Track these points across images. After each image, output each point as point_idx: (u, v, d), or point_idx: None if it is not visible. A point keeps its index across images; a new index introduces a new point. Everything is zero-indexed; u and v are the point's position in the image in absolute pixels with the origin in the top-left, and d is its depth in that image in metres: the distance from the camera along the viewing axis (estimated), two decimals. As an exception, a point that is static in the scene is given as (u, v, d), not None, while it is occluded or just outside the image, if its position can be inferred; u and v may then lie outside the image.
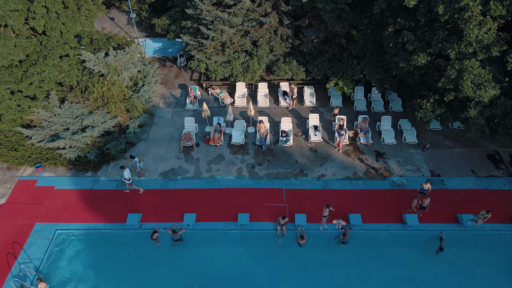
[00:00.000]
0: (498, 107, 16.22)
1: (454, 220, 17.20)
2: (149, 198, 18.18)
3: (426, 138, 21.09)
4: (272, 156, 20.33)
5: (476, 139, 20.96)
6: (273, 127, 21.82)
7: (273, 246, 16.71)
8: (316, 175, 19.29)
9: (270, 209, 17.65)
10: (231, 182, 18.95)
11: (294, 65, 22.49)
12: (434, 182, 18.76)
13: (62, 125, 19.69)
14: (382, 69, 19.82)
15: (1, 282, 15.07)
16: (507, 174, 19.25)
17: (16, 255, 15.95)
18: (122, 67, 21.46)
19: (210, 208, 17.72)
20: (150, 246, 16.50)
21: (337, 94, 23.56)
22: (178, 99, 24.09)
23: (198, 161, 20.07)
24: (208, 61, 22.37)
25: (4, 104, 18.63)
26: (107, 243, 16.78)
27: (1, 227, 16.98)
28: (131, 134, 20.56)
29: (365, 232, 16.92)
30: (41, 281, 14.69)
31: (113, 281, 15.51)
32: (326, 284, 15.62)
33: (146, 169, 19.64)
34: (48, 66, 18.89)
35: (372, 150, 20.62)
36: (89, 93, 20.59)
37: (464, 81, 14.94)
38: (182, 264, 16.18)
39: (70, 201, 18.14)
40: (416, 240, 16.79)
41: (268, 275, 15.82)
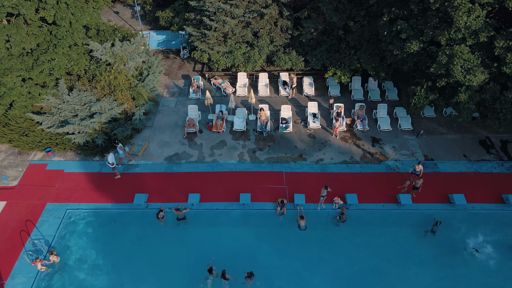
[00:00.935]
0: (488, 92, 17.06)
1: (446, 201, 18.02)
2: (155, 181, 19.00)
3: (420, 124, 21.92)
4: (272, 141, 21.16)
5: (468, 126, 21.79)
6: (273, 115, 22.65)
7: (273, 225, 17.52)
8: (315, 159, 20.12)
9: (270, 191, 18.48)
10: (233, 166, 19.78)
11: (293, 55, 23.32)
12: (428, 166, 19.59)
13: (71, 111, 20.52)
14: (377, 58, 20.66)
15: (15, 256, 15.92)
16: (498, 158, 20.07)
17: (29, 232, 16.79)
18: (128, 57, 22.31)
19: (213, 189, 18.54)
20: (156, 225, 17.31)
21: (335, 84, 24.40)
22: (181, 89, 24.93)
23: (201, 147, 20.90)
24: (211, 51, 23.20)
25: (16, 91, 19.48)
26: (115, 222, 17.57)
27: (14, 206, 17.80)
28: (136, 121, 21.39)
29: (361, 212, 17.74)
30: (52, 254, 15.52)
31: (120, 258, 16.28)
32: (324, 260, 16.38)
33: (152, 154, 20.48)
34: (58, 55, 19.73)
35: (368, 136, 21.45)
36: (97, 81, 21.45)
37: (455, 66, 15.77)
38: (186, 242, 16.96)
39: (79, 183, 18.97)
40: (409, 219, 17.61)
41: (268, 252, 16.59)
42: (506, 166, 19.59)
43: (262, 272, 15.43)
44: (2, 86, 19.15)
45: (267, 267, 15.92)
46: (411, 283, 15.53)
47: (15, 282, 15.12)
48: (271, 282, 15.54)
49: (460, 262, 16.14)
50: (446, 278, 15.61)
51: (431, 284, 15.49)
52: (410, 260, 16.28)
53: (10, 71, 18.94)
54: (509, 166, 19.56)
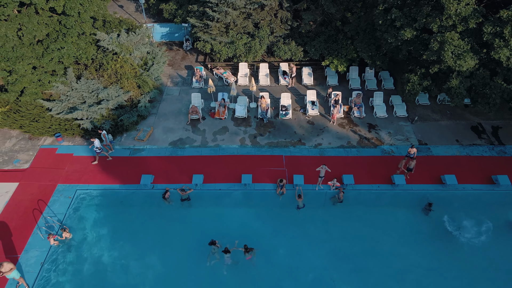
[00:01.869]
0: (477, 77, 17.91)
1: (438, 182, 18.88)
2: (160, 164, 19.86)
3: (415, 112, 22.78)
4: (272, 128, 22.02)
5: (461, 113, 22.65)
6: (273, 103, 23.51)
7: (273, 204, 18.37)
8: (313, 144, 20.99)
9: (270, 173, 19.33)
10: (235, 150, 20.65)
11: (293, 45, 24.18)
12: (421, 150, 20.45)
13: (79, 98, 21.38)
14: (373, 47, 21.51)
15: (29, 232, 16.78)
16: (489, 142, 20.93)
17: (41, 211, 17.65)
18: (133, 47, 23.15)
19: (216, 172, 19.40)
20: (161, 204, 18.16)
21: (333, 73, 25.27)
22: (184, 79, 25.80)
23: (204, 132, 21.77)
24: (213, 41, 24.07)
25: (27, 78, 20.35)
26: (122, 202, 18.43)
27: (26, 187, 18.67)
28: (142, 108, 22.25)
29: (357, 192, 18.60)
30: (64, 231, 16.39)
31: (127, 235, 17.10)
32: (321, 237, 17.20)
33: (157, 139, 21.35)
34: (67, 44, 20.59)
35: (365, 122, 22.32)
36: (103, 70, 22.31)
37: (445, 52, 16.63)
38: (189, 220, 17.79)
39: (88, 166, 19.83)
40: (403, 198, 18.46)
41: (268, 230, 17.42)
42: (496, 150, 20.45)
43: (263, 249, 16.25)
44: (14, 73, 20.02)
45: (267, 244, 16.73)
46: (404, 258, 16.33)
47: (29, 256, 15.97)
48: (271, 257, 16.33)
49: (450, 239, 16.96)
50: (436, 253, 16.42)
51: (423, 259, 16.29)
52: (404, 237, 17.10)
53: (22, 58, 19.79)
54: (499, 150, 20.42)
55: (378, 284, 15.52)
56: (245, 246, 15.65)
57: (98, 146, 19.05)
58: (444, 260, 16.20)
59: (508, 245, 16.57)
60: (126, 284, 15.48)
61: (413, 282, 15.57)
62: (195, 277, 15.69)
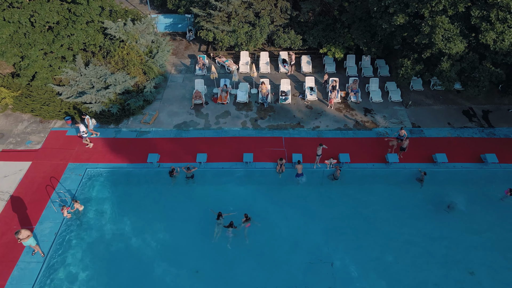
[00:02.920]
0: (467, 61, 18.90)
1: (430, 160, 19.87)
2: (165, 145, 20.86)
3: (409, 97, 23.77)
4: (272, 112, 23.03)
5: (454, 98, 23.65)
6: (273, 89, 24.50)
7: (273, 182, 19.36)
8: (311, 127, 21.99)
9: (271, 153, 20.33)
10: (236, 132, 21.65)
11: (292, 34, 25.17)
12: (414, 132, 21.46)
13: (87, 84, 22.34)
14: (369, 34, 22.51)
15: (43, 205, 17.79)
16: (479, 125, 21.93)
17: (54, 187, 18.66)
18: (139, 35, 24.14)
19: (218, 152, 20.40)
20: (167, 181, 19.15)
21: (331, 61, 26.27)
22: (188, 67, 26.80)
23: (207, 116, 22.77)
24: (216, 30, 25.06)
25: (39, 63, 21.37)
26: (130, 179, 19.42)
27: (39, 166, 19.67)
28: (148, 93, 23.24)
29: (353, 170, 19.60)
30: (76, 202, 17.40)
31: (134, 209, 18.08)
32: (319, 212, 18.17)
33: (162, 122, 22.35)
34: (76, 30, 21.60)
35: (361, 107, 23.31)
36: (111, 57, 23.31)
37: (436, 35, 17.63)
38: (194, 197, 18.76)
39: (97, 146, 20.83)
40: (396, 176, 19.46)
41: (269, 206, 18.40)
42: (486, 132, 21.45)
43: (263, 223, 17.25)
44: (26, 59, 21.02)
45: (267, 218, 17.72)
46: (397, 230, 17.33)
47: (44, 227, 16.99)
48: (271, 231, 17.30)
49: (440, 212, 17.96)
50: (427, 225, 17.43)
51: (415, 231, 17.28)
52: (397, 211, 18.10)
53: (34, 44, 20.79)
54: (489, 132, 21.42)
55: (372, 254, 16.49)
56: (245, 215, 16.66)
57: (84, 130, 19.89)
58: (435, 231, 17.18)
59: (492, 215, 17.58)
60: (133, 252, 16.48)
61: (406, 251, 16.54)
62: (198, 248, 16.64)
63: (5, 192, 18.39)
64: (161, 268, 16.02)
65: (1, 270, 15.48)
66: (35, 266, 15.63)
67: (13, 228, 16.83)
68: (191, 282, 15.76)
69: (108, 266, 16.06)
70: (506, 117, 22.38)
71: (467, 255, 16.45)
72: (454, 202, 18.08)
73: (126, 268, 16.04)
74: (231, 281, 15.76)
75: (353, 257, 16.46)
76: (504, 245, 16.68)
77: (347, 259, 16.40)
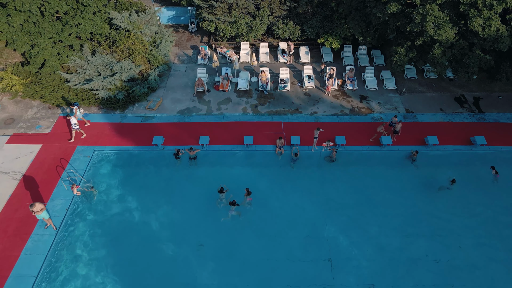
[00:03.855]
0: (457, 47, 19.85)
1: (422, 143, 20.83)
2: (169, 129, 21.79)
3: (403, 85, 24.73)
4: (272, 98, 23.98)
5: (446, 86, 24.61)
6: (272, 77, 25.45)
7: (273, 163, 20.30)
8: (309, 112, 22.95)
9: (270, 136, 21.27)
10: (237, 117, 22.59)
11: (291, 25, 26.12)
12: (408, 117, 22.41)
13: (94, 71, 23.30)
14: (364, 24, 23.46)
15: (54, 184, 18.72)
16: (470, 111, 22.89)
17: (63, 167, 19.59)
18: (143, 26, 25.09)
19: (220, 135, 21.34)
20: (171, 162, 20.07)
21: (328, 52, 27.23)
22: (190, 57, 27.75)
23: (209, 103, 23.72)
24: (217, 21, 26.01)
25: (48, 51, 22.31)
26: (136, 160, 20.36)
27: (49, 148, 20.60)
28: (152, 80, 24.19)
29: (349, 152, 20.54)
30: (86, 183, 18.30)
31: (140, 188, 18.97)
32: (316, 192, 19.07)
33: (166, 108, 23.29)
34: (84, 20, 22.54)
35: (357, 94, 24.27)
36: (116, 46, 24.25)
37: (427, 23, 18.59)
38: (196, 177, 19.66)
39: (104, 131, 21.77)
40: (390, 157, 20.41)
41: (268, 185, 19.32)
42: (476, 117, 22.41)
43: (263, 201, 18.16)
44: (36, 47, 21.96)
45: (267, 197, 18.66)
46: (391, 206, 18.26)
47: (55, 203, 17.92)
48: (270, 208, 18.22)
49: (432, 190, 18.93)
50: (418, 202, 18.39)
51: (407, 208, 18.22)
52: (390, 190, 19.04)
53: (44, 33, 21.73)
54: (479, 117, 22.38)
55: (366, 228, 17.43)
56: (246, 189, 17.61)
57: (75, 122, 20.34)
58: (426, 208, 18.14)
59: (480, 193, 18.55)
60: (139, 227, 17.41)
61: (399, 227, 17.48)
62: (202, 224, 17.57)
63: (17, 172, 19.31)
64: (166, 242, 16.94)
65: (16, 242, 16.41)
66: (47, 239, 16.57)
67: (26, 204, 17.75)
68: (196, 254, 16.68)
69: (116, 239, 16.98)
70: (496, 103, 23.35)
71: (456, 230, 17.38)
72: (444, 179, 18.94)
73: (133, 241, 16.97)
74: (233, 253, 16.69)
75: (348, 232, 17.39)
76: (491, 220, 17.63)
77: (343, 234, 17.33)
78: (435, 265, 16.26)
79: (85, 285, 15.41)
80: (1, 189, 18.48)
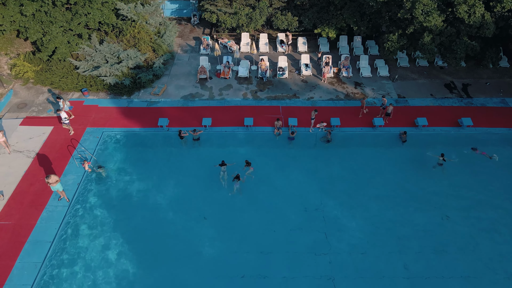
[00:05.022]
0: (445, 34, 21.10)
1: (412, 125, 22.05)
2: (174, 112, 23.01)
3: (396, 72, 25.98)
4: (271, 85, 25.23)
5: (436, 73, 25.86)
6: (271, 66, 26.70)
7: (271, 144, 21.52)
8: (306, 97, 24.19)
9: (269, 119, 22.49)
10: (238, 102, 23.84)
11: (289, 16, 27.39)
12: (399, 102, 23.65)
13: (102, 59, 24.55)
14: (358, 14, 24.73)
15: (66, 161, 19.94)
16: (458, 96, 24.13)
17: (74, 146, 20.80)
18: (148, 16, 26.35)
19: (222, 118, 22.56)
20: (175, 143, 21.29)
21: (325, 42, 28.49)
22: (193, 47, 29.01)
23: (211, 89, 24.96)
24: (219, 12, 27.27)
25: (58, 39, 23.55)
26: (142, 141, 21.58)
27: (60, 130, 21.80)
28: (157, 68, 25.44)
29: (343, 133, 21.77)
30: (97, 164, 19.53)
31: (147, 165, 20.16)
32: (313, 170, 20.23)
33: (170, 94, 24.53)
34: (93, 9, 23.79)
35: (352, 81, 25.52)
36: (123, 35, 25.51)
37: (416, 10, 19.85)
38: (200, 156, 20.88)
39: (111, 114, 23.00)
40: (382, 138, 21.62)
41: (267, 164, 20.50)
42: (465, 101, 23.65)
43: (262, 178, 19.34)
44: (48, 34, 23.21)
45: (266, 174, 19.85)
46: (382, 182, 19.44)
47: (67, 178, 19.13)
48: (269, 184, 19.39)
49: (420, 167, 20.14)
50: (408, 178, 19.59)
51: (397, 183, 19.40)
52: (382, 167, 20.24)
53: (55, 21, 22.98)
54: (467, 101, 23.62)
55: (360, 203, 18.60)
56: (246, 161, 18.84)
57: (65, 117, 20.94)
58: (416, 183, 19.35)
59: (466, 170, 19.78)
60: (146, 201, 18.60)
61: (390, 200, 18.64)
62: (205, 199, 18.74)
63: (31, 150, 20.53)
64: (172, 215, 18.12)
65: (32, 212, 17.62)
66: (61, 209, 17.78)
67: (40, 179, 18.97)
68: (200, 225, 17.86)
69: (124, 212, 18.15)
70: (484, 89, 24.60)
71: (444, 202, 18.57)
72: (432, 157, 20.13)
73: (140, 213, 18.15)
74: (234, 224, 17.85)
75: (342, 204, 18.56)
76: (474, 193, 18.84)
77: (337, 207, 18.51)
78: (423, 233, 17.43)
79: (96, 249, 16.61)
80: (17, 166, 19.69)
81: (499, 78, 25.34)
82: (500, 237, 17.14)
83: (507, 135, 21.44)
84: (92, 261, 16.20)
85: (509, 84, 24.92)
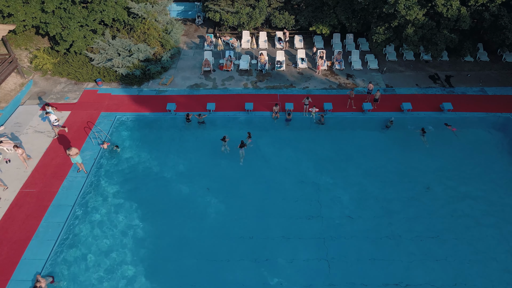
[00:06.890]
0: (427, 27, 23.38)
1: (398, 110, 24.15)
2: (180, 99, 25.14)
3: (384, 65, 28.22)
4: (269, 76, 27.44)
5: (422, 66, 28.10)
6: (270, 60, 28.96)
7: (270, 126, 23.59)
8: (302, 87, 26.37)
9: (268, 105, 24.62)
10: (239, 91, 26.00)
11: (286, 15, 29.78)
12: (387, 91, 25.81)
13: (115, 52, 26.81)
14: (350, 11, 27.10)
15: (83, 140, 21.98)
16: (441, 86, 26.31)
17: (90, 128, 22.88)
18: (157, 14, 28.72)
19: (224, 104, 24.68)
20: (182, 126, 23.38)
21: (320, 40, 30.83)
22: (197, 44, 31.35)
23: (214, 80, 27.17)
24: (222, 11, 29.67)
25: (76, 33, 25.84)
26: (152, 123, 23.68)
27: (77, 114, 23.91)
28: (165, 61, 27.69)
29: (335, 117, 23.85)
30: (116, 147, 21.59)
31: (156, 144, 22.19)
32: (307, 151, 22.17)
33: (177, 84, 26.71)
34: (107, 7, 26.14)
35: (344, 73, 27.74)
36: (134, 31, 27.84)
37: (399, 4, 22.16)
38: (204, 136, 22.94)
39: (123, 101, 25.15)
40: (371, 122, 23.69)
41: (266, 144, 22.51)
42: (447, 90, 25.82)
43: (261, 156, 21.37)
44: (67, 29, 25.52)
45: (264, 154, 21.84)
46: (371, 162, 21.38)
47: (85, 154, 21.13)
48: (267, 161, 21.39)
49: (406, 146, 22.19)
50: (395, 157, 21.59)
51: (385, 162, 21.32)
52: (371, 147, 22.25)
53: (73, 17, 25.31)
54: (449, 90, 25.78)
55: (350, 177, 20.55)
56: (248, 133, 20.92)
57: (55, 118, 21.94)
58: (401, 160, 21.35)
59: (445, 146, 21.84)
60: (155, 174, 20.59)
61: (376, 175, 20.60)
62: (209, 173, 20.71)
63: (51, 131, 22.59)
64: (178, 186, 20.05)
65: (54, 182, 19.59)
66: (80, 180, 19.75)
67: (60, 155, 20.99)
68: (203, 195, 19.80)
69: (135, 183, 20.11)
70: (465, 80, 26.79)
71: (424, 176, 20.54)
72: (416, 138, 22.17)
73: (151, 184, 20.12)
74: (234, 195, 19.77)
75: (334, 178, 20.51)
76: (451, 168, 20.85)
77: (329, 180, 20.45)
78: (406, 201, 19.37)
79: (110, 212, 18.58)
80: (39, 144, 21.73)
81: (479, 70, 27.55)
82: (473, 201, 19.14)
83: (485, 118, 23.52)
84: (110, 221, 18.15)
85: (489, 75, 27.12)
